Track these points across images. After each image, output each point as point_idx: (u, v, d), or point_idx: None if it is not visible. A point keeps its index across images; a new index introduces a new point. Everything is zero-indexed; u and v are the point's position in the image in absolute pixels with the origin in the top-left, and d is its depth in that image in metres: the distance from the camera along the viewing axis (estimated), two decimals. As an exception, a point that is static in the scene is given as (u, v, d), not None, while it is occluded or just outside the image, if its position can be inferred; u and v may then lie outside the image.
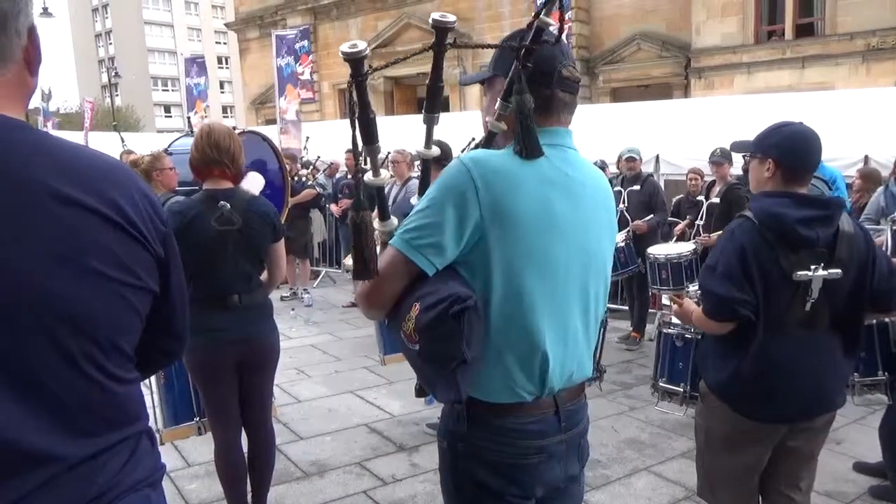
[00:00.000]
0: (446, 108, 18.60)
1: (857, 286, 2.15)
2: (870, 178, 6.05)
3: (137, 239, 1.10)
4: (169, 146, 5.27)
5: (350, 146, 1.41)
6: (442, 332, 1.30)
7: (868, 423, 4.22)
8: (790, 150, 2.15)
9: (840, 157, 7.52)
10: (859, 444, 3.96)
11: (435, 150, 1.61)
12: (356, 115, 1.38)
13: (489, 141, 1.55)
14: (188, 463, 3.85)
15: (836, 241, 2.11)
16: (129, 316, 1.11)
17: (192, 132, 5.85)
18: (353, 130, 1.38)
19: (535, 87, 1.43)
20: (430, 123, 1.55)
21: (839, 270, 2.08)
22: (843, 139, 7.63)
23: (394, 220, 1.55)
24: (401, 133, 7.38)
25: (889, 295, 2.21)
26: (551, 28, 1.45)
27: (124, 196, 1.09)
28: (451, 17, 1.43)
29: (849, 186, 6.53)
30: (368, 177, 1.50)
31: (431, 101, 1.52)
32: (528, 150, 1.40)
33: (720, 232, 5.04)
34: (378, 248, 1.45)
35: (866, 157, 7.61)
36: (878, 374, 3.09)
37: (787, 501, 2.33)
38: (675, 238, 6.55)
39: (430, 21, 1.42)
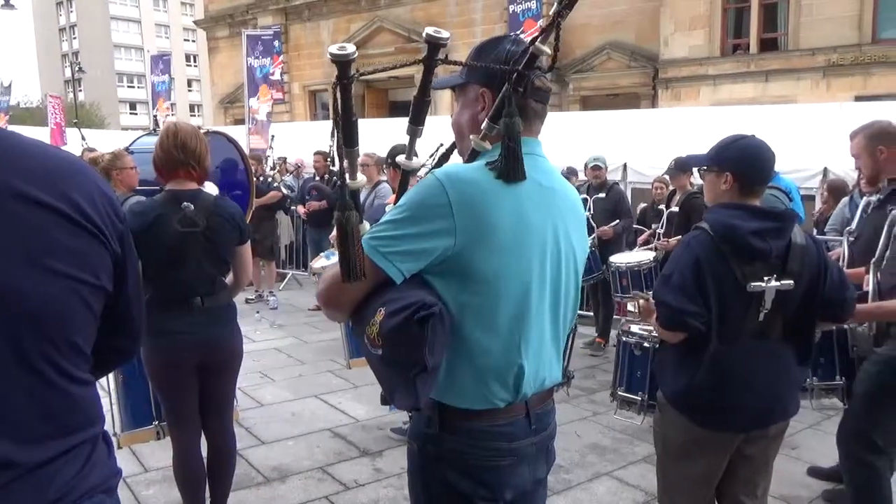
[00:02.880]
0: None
1: (808, 297, 2.20)
2: (836, 190, 6.21)
3: (96, 237, 1.09)
4: (131, 144, 5.16)
5: (319, 148, 1.41)
6: (405, 337, 1.30)
7: (823, 429, 4.33)
8: (747, 163, 2.20)
9: (801, 169, 7.73)
10: (814, 449, 4.05)
11: (417, 162, 1.62)
12: (339, 117, 1.38)
13: (471, 159, 1.55)
14: (145, 468, 3.77)
15: (789, 253, 2.15)
16: (86, 314, 1.09)
17: (155, 131, 5.75)
18: (337, 132, 1.38)
19: (517, 99, 1.43)
20: (413, 135, 1.56)
21: (791, 281, 2.13)
22: (803, 152, 7.84)
23: (366, 225, 1.54)
24: (371, 136, 7.36)
25: (841, 305, 2.27)
26: (546, 55, 1.46)
27: (83, 194, 1.08)
28: (445, 34, 1.45)
29: (807, 198, 6.70)
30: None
31: (417, 114, 1.53)
32: (513, 173, 1.41)
33: (679, 237, 5.13)
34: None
35: (825, 169, 7.83)
36: (835, 378, 3.17)
37: None
38: (638, 246, 6.64)
39: (424, 35, 1.44)
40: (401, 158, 1.62)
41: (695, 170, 5.76)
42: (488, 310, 1.41)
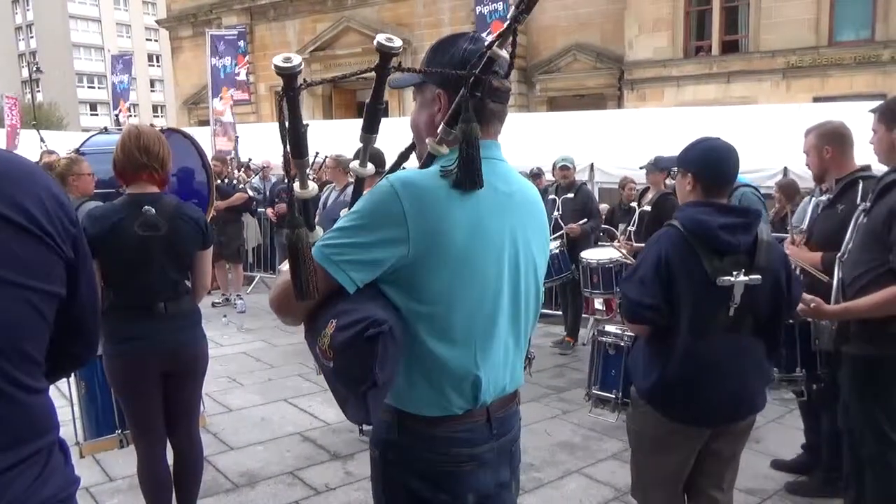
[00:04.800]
0: (385, 114, 18.54)
1: (775, 292, 2.26)
2: (786, 190, 6.36)
3: (45, 242, 1.07)
4: (82, 145, 5.02)
5: (291, 152, 1.39)
6: (355, 353, 1.28)
7: (785, 423, 4.43)
8: (705, 164, 2.27)
9: (762, 169, 7.92)
10: (777, 442, 4.14)
11: (370, 169, 1.59)
12: (287, 129, 1.35)
13: (427, 163, 1.51)
14: (110, 477, 3.68)
15: (756, 249, 2.22)
16: (37, 321, 1.07)
17: (106, 129, 5.57)
18: (284, 146, 1.35)
19: (474, 104, 1.41)
20: (366, 143, 1.52)
21: (759, 276, 2.19)
22: (764, 151, 8.03)
23: (319, 232, 1.52)
24: (339, 137, 7.32)
25: (797, 303, 2.39)
26: (503, 60, 1.44)
27: (31, 198, 1.05)
28: (398, 42, 1.40)
29: (768, 197, 6.85)
30: (295, 189, 1.47)
31: (370, 122, 1.50)
32: (470, 182, 1.37)
33: (640, 245, 5.19)
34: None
35: (785, 168, 8.03)
36: (795, 371, 3.23)
37: (711, 501, 2.41)
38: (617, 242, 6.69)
39: (376, 44, 1.39)
40: (354, 164, 1.59)
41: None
42: (443, 319, 1.39)
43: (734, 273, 2.16)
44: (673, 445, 2.32)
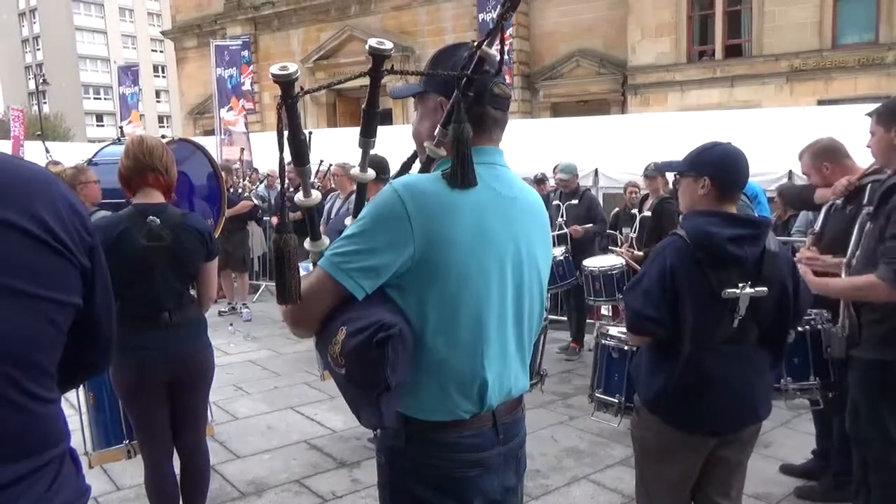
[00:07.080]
0: (389, 121, 18.61)
1: (781, 302, 2.22)
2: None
3: (62, 253, 1.06)
4: (94, 155, 5.07)
5: (293, 160, 1.40)
6: (366, 358, 1.29)
7: (795, 427, 4.40)
8: (725, 168, 2.21)
9: (766, 173, 7.90)
10: (786, 447, 4.12)
11: (370, 174, 1.59)
12: (286, 137, 1.36)
13: (427, 166, 1.53)
14: (118, 486, 3.69)
15: (763, 260, 2.17)
16: (51, 333, 1.06)
17: (119, 140, 5.63)
18: (281, 153, 1.36)
19: (468, 104, 1.42)
20: (365, 147, 1.54)
21: (765, 288, 2.15)
22: (768, 155, 8.01)
23: (325, 240, 1.53)
24: (344, 145, 7.33)
25: (804, 313, 2.37)
26: (494, 58, 1.45)
27: (49, 208, 1.05)
28: (389, 45, 1.42)
29: (771, 201, 6.83)
30: (299, 197, 1.48)
31: (367, 126, 1.51)
32: (464, 179, 1.39)
33: (640, 253, 5.18)
34: (310, 268, 1.44)
35: (790, 172, 8.00)
36: (809, 379, 3.21)
37: None
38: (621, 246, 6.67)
39: (367, 48, 1.41)
40: (354, 171, 1.60)
41: (669, 175, 5.83)
42: (448, 322, 1.40)
43: (740, 285, 2.13)
44: (677, 453, 2.29)
